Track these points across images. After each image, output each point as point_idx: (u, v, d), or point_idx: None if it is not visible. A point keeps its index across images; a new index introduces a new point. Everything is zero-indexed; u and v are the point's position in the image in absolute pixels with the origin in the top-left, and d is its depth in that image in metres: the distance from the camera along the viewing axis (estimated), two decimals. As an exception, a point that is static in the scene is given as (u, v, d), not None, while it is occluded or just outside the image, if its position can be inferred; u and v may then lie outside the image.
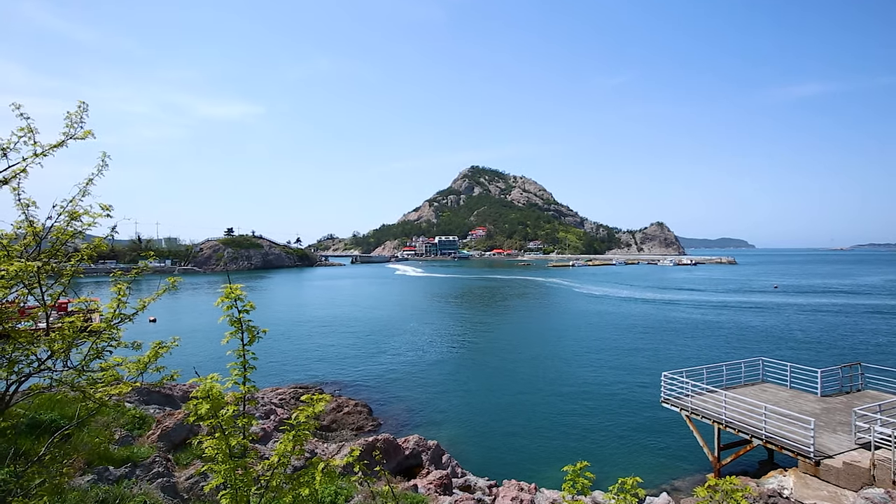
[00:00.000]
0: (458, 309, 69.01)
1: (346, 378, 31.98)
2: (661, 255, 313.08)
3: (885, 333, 46.23)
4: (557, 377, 31.72)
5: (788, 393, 20.63)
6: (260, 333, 4.15)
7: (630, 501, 4.58)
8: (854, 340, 42.98)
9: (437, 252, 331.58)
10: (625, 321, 55.01)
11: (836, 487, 14.45)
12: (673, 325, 51.81)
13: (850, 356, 35.45)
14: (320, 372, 33.61)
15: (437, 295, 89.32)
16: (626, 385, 29.85)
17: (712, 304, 71.11)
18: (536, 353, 38.77)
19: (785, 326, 50.51)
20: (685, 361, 34.49)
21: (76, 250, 4.72)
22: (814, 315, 58.77)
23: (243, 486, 3.82)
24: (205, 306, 71.22)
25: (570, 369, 33.64)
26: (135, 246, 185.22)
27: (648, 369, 33.07)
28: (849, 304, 70.04)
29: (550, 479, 17.58)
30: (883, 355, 36.56)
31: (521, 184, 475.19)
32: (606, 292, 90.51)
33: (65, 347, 4.31)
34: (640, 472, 18.08)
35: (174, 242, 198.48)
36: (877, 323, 52.53)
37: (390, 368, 34.36)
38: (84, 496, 7.04)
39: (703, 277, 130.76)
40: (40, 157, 4.39)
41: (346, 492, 9.55)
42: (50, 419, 9.07)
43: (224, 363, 4.28)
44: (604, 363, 35.32)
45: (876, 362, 31.46)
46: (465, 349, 40.87)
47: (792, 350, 38.68)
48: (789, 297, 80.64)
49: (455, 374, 32.82)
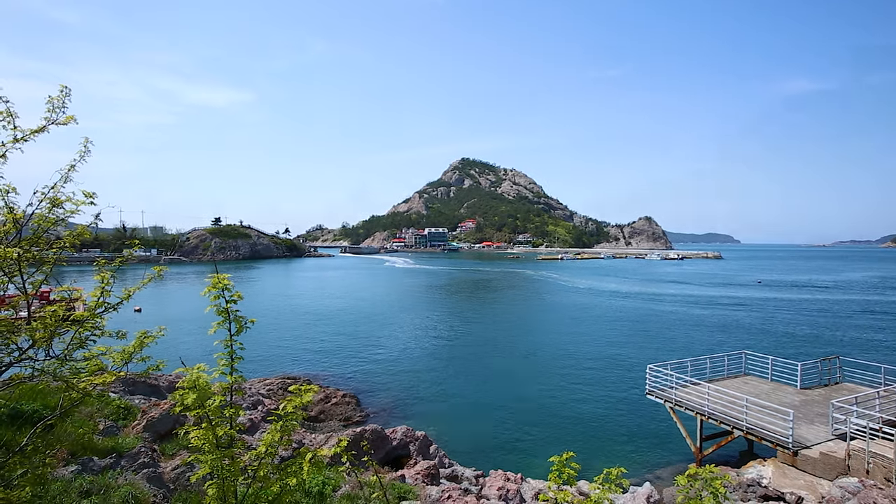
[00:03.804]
0: (447, 300, 69.16)
1: (334, 369, 31.96)
2: (648, 249, 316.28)
3: (863, 328, 47.30)
4: (544, 369, 32.02)
5: (769, 385, 21.05)
6: (247, 324, 4.13)
7: (615, 491, 4.65)
8: (834, 334, 43.94)
9: (426, 244, 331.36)
10: (612, 314, 55.59)
11: (812, 477, 14.82)
12: (659, 319, 52.47)
13: (830, 350, 36.24)
14: (309, 363, 33.55)
15: (425, 286, 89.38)
16: (612, 377, 30.23)
17: (698, 297, 72.13)
18: (524, 346, 39.07)
19: (768, 320, 51.42)
20: (670, 354, 34.99)
21: (58, 238, 4.63)
22: (796, 309, 59.89)
23: (230, 476, 3.81)
24: (191, 296, 70.56)
25: (558, 361, 33.97)
26: (120, 234, 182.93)
27: (634, 362, 33.50)
28: (829, 299, 71.47)
29: (537, 468, 17.79)
30: (860, 349, 37.44)
31: (512, 176, 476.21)
32: (594, 285, 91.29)
33: (47, 336, 4.24)
34: (624, 462, 18.38)
35: (160, 231, 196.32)
36: (856, 318, 53.71)
37: (379, 359, 34.41)
38: (67, 487, 6.98)
39: (690, 272, 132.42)
40: (20, 142, 4.28)
41: (333, 482, 9.57)
42: (32, 409, 8.94)
43: (211, 353, 4.25)
44: (590, 355, 35.71)
45: (854, 356, 32.19)
46: (454, 341, 41.03)
47: (774, 343, 39.43)
48: (772, 291, 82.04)
49: (443, 366, 32.97)
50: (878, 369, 21.37)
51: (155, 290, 74.61)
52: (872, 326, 48.11)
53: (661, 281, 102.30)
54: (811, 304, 65.66)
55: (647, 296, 74.58)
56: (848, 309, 60.61)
